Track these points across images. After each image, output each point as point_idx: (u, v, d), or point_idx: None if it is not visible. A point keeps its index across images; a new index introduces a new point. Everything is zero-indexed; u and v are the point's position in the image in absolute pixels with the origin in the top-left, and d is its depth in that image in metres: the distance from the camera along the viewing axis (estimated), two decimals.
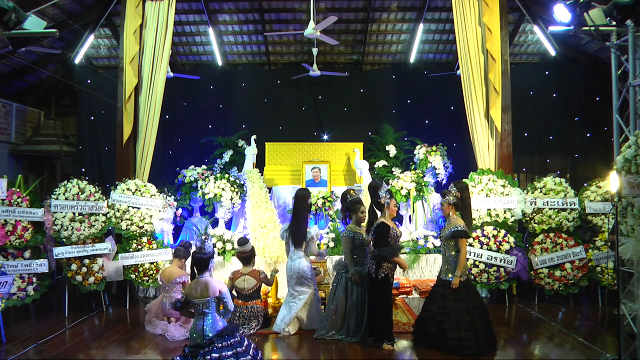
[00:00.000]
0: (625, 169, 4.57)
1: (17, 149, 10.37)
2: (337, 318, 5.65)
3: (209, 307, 4.32)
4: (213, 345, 4.18)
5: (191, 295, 4.37)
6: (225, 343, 4.21)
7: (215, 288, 4.33)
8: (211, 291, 4.31)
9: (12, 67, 10.10)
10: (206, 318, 4.32)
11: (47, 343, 5.59)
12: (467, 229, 5.29)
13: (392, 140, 9.84)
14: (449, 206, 5.41)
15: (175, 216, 8.55)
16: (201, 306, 4.33)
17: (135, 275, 7.29)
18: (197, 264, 4.50)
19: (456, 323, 5.06)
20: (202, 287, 4.35)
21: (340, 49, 10.84)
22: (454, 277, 5.18)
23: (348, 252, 5.63)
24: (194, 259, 4.53)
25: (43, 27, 5.46)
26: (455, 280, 5.16)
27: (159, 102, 8.19)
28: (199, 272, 4.48)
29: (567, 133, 10.54)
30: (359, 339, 5.51)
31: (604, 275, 7.08)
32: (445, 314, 5.10)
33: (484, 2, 7.96)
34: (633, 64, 5.08)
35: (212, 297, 4.31)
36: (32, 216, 6.85)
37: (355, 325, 5.56)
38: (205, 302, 4.30)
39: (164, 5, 8.21)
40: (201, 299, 4.30)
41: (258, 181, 8.77)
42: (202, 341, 4.23)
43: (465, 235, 5.27)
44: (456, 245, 5.27)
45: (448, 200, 5.39)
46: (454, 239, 5.26)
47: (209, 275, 4.51)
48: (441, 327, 5.08)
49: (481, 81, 8.04)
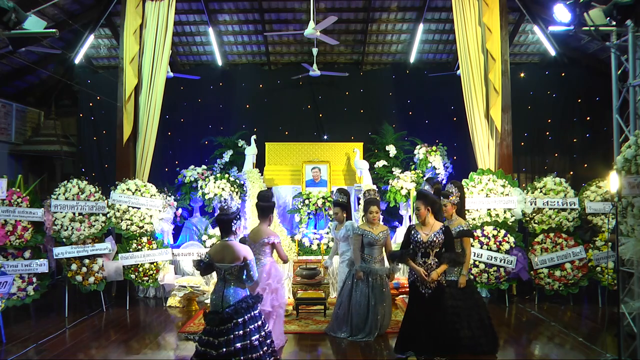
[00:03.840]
0: (625, 169, 4.56)
1: (17, 149, 10.37)
2: (344, 316, 5.69)
3: (231, 273, 4.01)
4: (233, 321, 3.89)
5: (215, 258, 4.07)
6: (247, 316, 3.93)
7: (240, 254, 3.99)
8: (235, 257, 3.99)
9: (12, 67, 10.09)
10: (227, 284, 4.02)
11: (47, 343, 5.59)
12: (470, 228, 5.34)
13: (392, 140, 9.84)
14: (453, 206, 5.42)
15: (175, 216, 8.56)
16: (223, 271, 4.03)
17: (135, 275, 7.29)
18: (220, 226, 4.14)
19: (467, 322, 5.09)
20: (226, 251, 4.03)
21: (340, 49, 10.83)
22: (460, 276, 5.19)
23: (356, 248, 5.74)
24: (216, 220, 4.20)
25: (43, 27, 5.45)
26: (463, 279, 5.17)
27: (159, 102, 8.20)
28: (224, 235, 4.13)
29: (567, 133, 10.53)
30: (364, 337, 5.51)
31: (604, 275, 7.08)
32: (456, 314, 5.10)
33: (484, 2, 7.96)
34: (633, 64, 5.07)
35: (235, 263, 3.99)
36: (32, 216, 6.85)
37: (359, 323, 5.57)
38: (228, 268, 4.00)
39: (164, 5, 8.21)
40: (224, 264, 4.02)
41: (258, 181, 8.77)
42: (221, 309, 3.93)
43: (470, 235, 5.32)
44: (461, 245, 5.27)
45: (452, 200, 5.41)
46: (459, 239, 5.26)
47: (235, 238, 4.16)
48: (453, 327, 5.06)
49: (481, 81, 8.04)
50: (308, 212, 8.55)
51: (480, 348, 5.04)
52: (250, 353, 3.86)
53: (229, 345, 3.83)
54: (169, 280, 7.40)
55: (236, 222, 4.15)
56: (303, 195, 8.81)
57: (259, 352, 3.89)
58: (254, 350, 3.87)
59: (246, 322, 3.93)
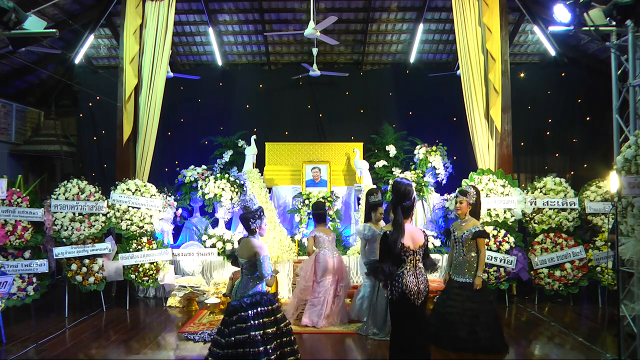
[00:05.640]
0: (625, 169, 4.57)
1: (17, 149, 10.37)
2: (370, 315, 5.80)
3: (247, 268, 4.21)
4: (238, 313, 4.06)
5: (239, 253, 4.34)
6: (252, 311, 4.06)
7: (253, 250, 4.17)
8: (249, 252, 4.19)
9: (12, 67, 10.09)
10: (243, 278, 4.25)
11: (47, 343, 5.59)
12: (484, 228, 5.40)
13: (392, 140, 9.84)
14: (468, 206, 5.41)
15: (175, 216, 8.56)
16: (241, 265, 4.27)
17: (135, 275, 7.29)
18: (242, 224, 4.39)
19: (485, 323, 5.12)
20: (244, 246, 4.27)
21: (340, 49, 10.84)
22: (476, 278, 5.20)
23: (363, 246, 6.09)
24: (239, 218, 4.46)
25: (43, 27, 5.45)
26: (478, 280, 5.20)
27: (159, 102, 8.19)
28: (247, 232, 4.35)
29: (567, 133, 10.53)
30: (384, 336, 5.52)
31: (604, 275, 7.08)
32: (474, 316, 5.12)
33: (484, 2, 7.96)
34: (633, 64, 5.07)
35: (250, 258, 4.17)
36: (32, 216, 6.84)
37: (380, 322, 5.64)
38: (245, 263, 4.22)
39: (164, 5, 8.20)
40: (242, 259, 4.24)
41: (258, 181, 8.77)
42: (234, 301, 4.16)
43: (486, 235, 5.35)
44: (476, 246, 5.28)
45: (469, 200, 5.40)
46: (474, 240, 5.27)
47: (256, 236, 4.32)
48: (472, 329, 5.09)
49: (481, 81, 8.04)
50: (308, 212, 8.54)
51: (496, 348, 5.11)
52: (249, 347, 3.96)
53: (230, 336, 4.02)
54: (169, 280, 7.40)
55: (255, 221, 4.30)
56: (303, 195, 8.81)
57: (258, 347, 3.95)
58: (254, 345, 3.95)
59: (249, 317, 4.03)
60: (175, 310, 7.18)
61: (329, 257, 6.26)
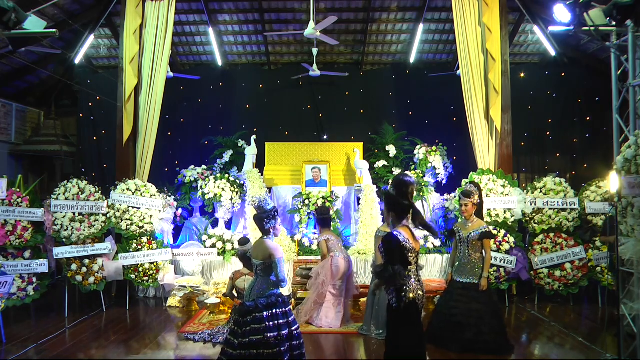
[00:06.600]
0: (625, 169, 4.57)
1: (17, 149, 10.37)
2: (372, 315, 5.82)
3: (261, 269, 4.20)
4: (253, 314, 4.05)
5: (252, 254, 4.33)
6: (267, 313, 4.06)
7: (267, 252, 4.16)
8: (264, 254, 4.18)
9: (12, 67, 10.09)
10: (257, 279, 4.24)
11: (47, 343, 5.60)
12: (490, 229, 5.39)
13: (392, 140, 9.83)
14: (474, 206, 5.38)
15: (175, 216, 8.56)
16: (256, 267, 4.25)
17: (135, 275, 7.29)
18: (256, 224, 4.37)
19: (490, 324, 5.11)
20: (258, 247, 4.26)
21: (340, 49, 10.83)
22: (482, 279, 5.19)
23: (377, 249, 5.92)
24: (253, 219, 4.41)
25: (43, 27, 5.45)
26: (484, 281, 5.19)
27: (159, 102, 8.19)
28: (262, 232, 4.34)
29: (567, 133, 10.53)
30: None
31: (604, 275, 7.09)
32: (480, 317, 5.11)
33: (484, 2, 7.96)
34: (633, 64, 5.07)
35: (265, 260, 4.17)
36: (32, 216, 6.84)
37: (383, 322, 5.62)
38: (258, 264, 4.21)
39: (164, 5, 8.20)
40: (257, 260, 4.23)
41: (258, 181, 8.77)
42: (248, 302, 4.14)
43: (492, 236, 5.37)
44: (482, 247, 5.27)
45: (473, 201, 5.37)
46: (480, 241, 5.26)
47: (270, 236, 4.31)
48: (479, 330, 5.07)
49: (481, 81, 8.04)
50: (308, 212, 8.54)
51: (504, 349, 5.11)
52: (264, 348, 3.98)
53: (245, 337, 4.02)
54: (169, 280, 7.40)
55: (269, 221, 4.28)
56: (303, 195, 8.81)
57: (273, 349, 3.97)
58: (268, 347, 3.98)
59: (264, 318, 4.03)
60: (175, 310, 7.18)
61: (342, 259, 6.36)
